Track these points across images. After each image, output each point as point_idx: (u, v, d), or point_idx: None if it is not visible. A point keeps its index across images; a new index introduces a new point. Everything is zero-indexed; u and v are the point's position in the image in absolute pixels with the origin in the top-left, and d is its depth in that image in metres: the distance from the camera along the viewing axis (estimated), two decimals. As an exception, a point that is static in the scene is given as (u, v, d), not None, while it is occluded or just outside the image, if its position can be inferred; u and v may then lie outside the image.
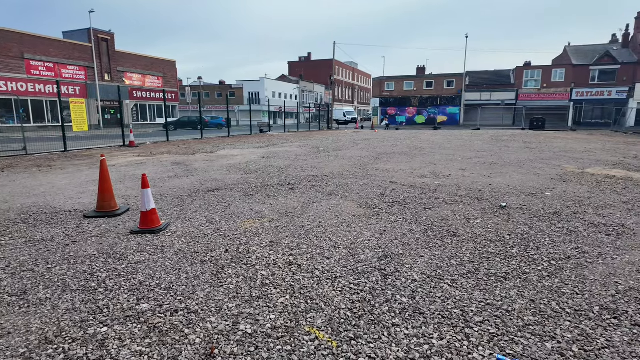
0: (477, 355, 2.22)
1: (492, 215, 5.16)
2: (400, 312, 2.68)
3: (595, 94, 39.20)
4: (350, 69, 78.80)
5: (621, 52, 40.18)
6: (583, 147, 15.51)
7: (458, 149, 14.95)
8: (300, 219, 4.97)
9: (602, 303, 2.82)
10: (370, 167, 9.68)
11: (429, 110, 46.29)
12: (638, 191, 6.76)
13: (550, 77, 41.10)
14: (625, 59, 38.81)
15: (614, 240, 4.19)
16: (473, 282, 3.17)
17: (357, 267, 3.46)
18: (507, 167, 9.68)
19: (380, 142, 18.37)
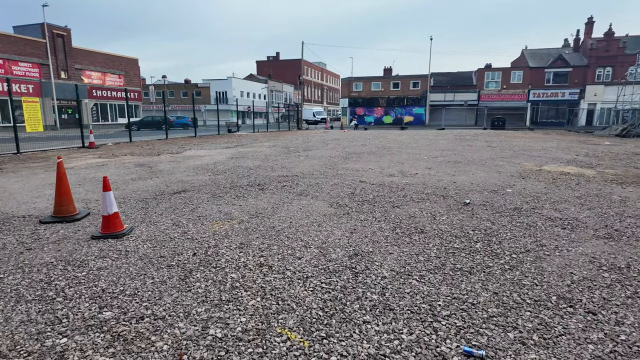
0: (445, 348, 2.29)
1: (457, 212, 5.34)
2: (371, 309, 2.72)
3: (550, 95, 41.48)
4: (319, 69, 79.07)
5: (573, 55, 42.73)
6: (540, 146, 16.36)
7: (424, 148, 15.36)
8: (271, 220, 4.93)
9: (559, 293, 2.99)
10: (340, 167, 9.75)
11: (396, 111, 47.26)
12: (590, 186, 7.21)
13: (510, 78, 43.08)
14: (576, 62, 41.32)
15: (568, 233, 4.45)
16: (440, 277, 3.27)
17: (329, 266, 3.47)
18: (470, 166, 10.05)
19: (349, 142, 18.56)
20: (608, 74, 39.68)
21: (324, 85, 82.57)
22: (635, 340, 2.37)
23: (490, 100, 43.21)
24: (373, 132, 29.88)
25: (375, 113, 48.10)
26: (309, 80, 72.37)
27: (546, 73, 41.80)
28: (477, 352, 2.20)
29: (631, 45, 38.78)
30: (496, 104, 42.88)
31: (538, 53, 44.95)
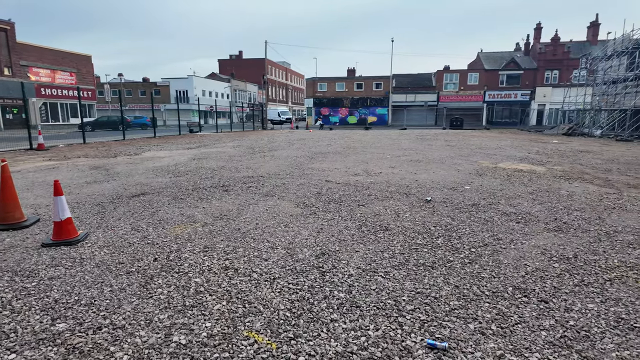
0: (410, 342, 2.35)
1: (419, 209, 5.51)
2: (338, 307, 2.74)
3: (504, 96, 43.73)
4: (283, 69, 78.70)
5: (524, 59, 45.29)
6: (495, 144, 17.20)
7: (387, 147, 15.71)
8: (236, 222, 4.84)
9: (515, 284, 3.16)
10: (307, 167, 9.76)
11: (360, 111, 47.98)
12: (540, 182, 7.67)
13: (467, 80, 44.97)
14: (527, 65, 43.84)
15: (522, 227, 4.71)
16: (404, 272, 3.35)
17: (296, 266, 3.46)
18: (431, 164, 10.39)
19: (315, 142, 18.62)
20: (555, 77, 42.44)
21: (289, 85, 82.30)
22: (582, 325, 2.55)
23: (449, 101, 44.92)
24: (338, 132, 30.16)
25: (340, 113, 48.57)
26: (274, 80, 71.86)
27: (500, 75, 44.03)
28: (440, 344, 2.28)
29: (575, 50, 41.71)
30: (454, 105, 44.63)
31: (492, 56, 47.24)
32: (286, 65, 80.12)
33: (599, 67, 28.92)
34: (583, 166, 10.19)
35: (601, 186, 7.33)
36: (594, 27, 43.05)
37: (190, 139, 21.91)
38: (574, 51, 41.56)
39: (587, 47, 40.64)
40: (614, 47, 26.37)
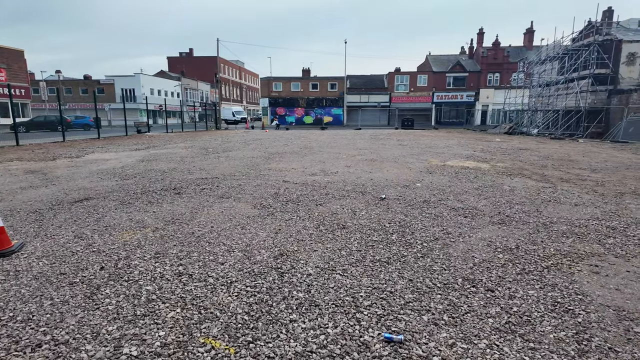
0: (368, 337, 2.41)
1: (375, 207, 5.65)
2: (297, 308, 2.74)
3: (451, 97, 46.01)
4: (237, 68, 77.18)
5: (468, 62, 47.93)
6: (444, 143, 18.06)
7: (343, 147, 15.94)
8: (190, 226, 4.68)
9: (464, 275, 3.33)
10: (263, 167, 9.65)
11: (316, 111, 48.27)
12: (485, 179, 8.17)
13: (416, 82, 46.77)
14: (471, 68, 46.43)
15: (469, 221, 4.99)
16: (361, 269, 3.42)
17: (254, 269, 3.41)
18: (385, 163, 10.69)
19: (271, 142, 18.46)
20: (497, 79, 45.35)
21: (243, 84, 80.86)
22: (524, 310, 2.75)
23: (400, 102, 46.48)
24: (294, 132, 30.13)
25: (296, 113, 48.53)
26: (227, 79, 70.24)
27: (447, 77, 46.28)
28: (397, 337, 2.36)
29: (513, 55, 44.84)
30: (405, 106, 46.26)
31: (440, 59, 49.53)
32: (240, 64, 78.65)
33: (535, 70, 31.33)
34: (522, 163, 10.99)
35: (538, 181, 7.95)
36: (529, 33, 46.52)
37: (138, 139, 20.84)
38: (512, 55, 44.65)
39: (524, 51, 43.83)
40: (547, 52, 28.69)
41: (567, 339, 2.40)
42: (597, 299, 2.90)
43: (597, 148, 16.20)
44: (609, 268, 3.49)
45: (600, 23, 24.56)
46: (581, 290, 3.04)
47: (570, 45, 26.14)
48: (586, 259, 3.69)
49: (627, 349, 2.30)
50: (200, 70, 70.15)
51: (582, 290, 3.04)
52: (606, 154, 13.50)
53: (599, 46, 23.10)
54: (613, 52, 23.01)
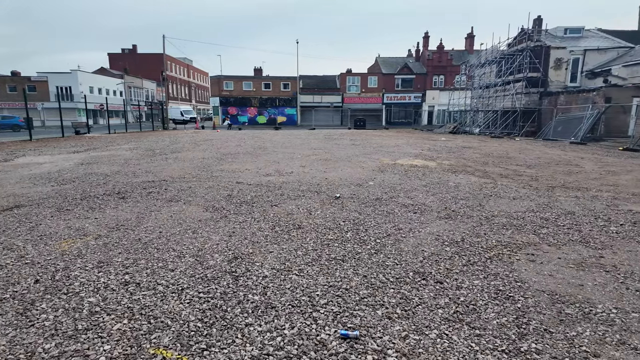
0: (325, 335, 2.43)
1: (330, 206, 5.71)
2: (253, 311, 2.70)
3: (400, 98, 47.68)
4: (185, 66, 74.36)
5: (415, 64, 49.94)
6: (394, 143, 18.67)
7: (298, 147, 15.94)
8: (136, 232, 4.44)
9: (415, 268, 3.47)
10: (215, 169, 9.39)
11: (269, 111, 47.82)
12: (432, 176, 8.56)
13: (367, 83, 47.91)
14: (418, 70, 48.42)
15: (419, 216, 5.20)
16: (317, 268, 3.44)
17: (206, 274, 3.31)
18: (339, 162, 10.84)
19: (223, 143, 18.00)
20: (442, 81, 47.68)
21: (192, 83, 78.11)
22: (470, 300, 2.91)
23: (352, 103, 47.38)
24: (248, 132, 29.61)
25: (248, 113, 47.73)
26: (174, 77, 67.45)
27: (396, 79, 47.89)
28: (352, 333, 2.40)
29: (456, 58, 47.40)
30: (357, 106, 47.24)
31: (389, 61, 51.13)
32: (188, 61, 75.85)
33: (475, 73, 33.35)
34: (466, 160, 11.65)
35: (480, 177, 8.47)
36: (470, 38, 49.40)
37: (76, 141, 19.39)
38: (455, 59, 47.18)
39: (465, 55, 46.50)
40: (486, 56, 30.66)
41: (509, 324, 2.58)
42: (533, 285, 3.15)
43: (531, 145, 17.60)
44: (543, 256, 3.81)
45: (531, 30, 26.69)
46: (520, 278, 3.29)
47: (506, 50, 28.11)
48: (524, 249, 4.00)
49: (560, 329, 2.52)
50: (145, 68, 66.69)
51: (520, 278, 3.29)
52: (539, 151, 14.70)
53: (530, 51, 25.09)
54: (543, 57, 25.10)
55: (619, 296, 2.96)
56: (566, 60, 25.27)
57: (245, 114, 47.97)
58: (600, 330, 2.50)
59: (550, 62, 25.29)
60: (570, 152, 14.54)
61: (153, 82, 66.83)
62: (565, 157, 12.76)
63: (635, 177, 8.62)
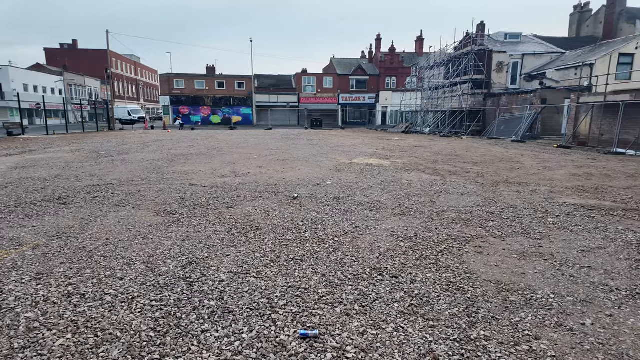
0: (284, 336, 2.41)
1: (288, 206, 5.69)
2: (209, 317, 2.62)
3: (355, 99, 48.56)
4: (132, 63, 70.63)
5: (369, 66, 51.09)
6: (350, 142, 18.98)
7: (254, 147, 15.71)
8: (80, 239, 4.15)
9: (371, 265, 3.55)
10: (166, 171, 9.00)
11: (224, 111, 46.70)
12: (387, 174, 8.80)
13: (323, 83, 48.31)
14: (371, 71, 49.59)
15: (375, 214, 5.33)
16: (276, 269, 3.41)
17: (159, 281, 3.16)
18: (296, 162, 10.83)
19: (175, 143, 17.31)
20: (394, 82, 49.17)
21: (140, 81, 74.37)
22: (424, 292, 3.03)
23: (309, 103, 47.56)
24: (201, 132, 28.70)
25: (202, 112, 46.28)
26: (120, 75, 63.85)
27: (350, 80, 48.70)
28: (312, 332, 2.40)
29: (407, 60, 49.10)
30: (314, 106, 47.49)
31: (343, 62, 51.89)
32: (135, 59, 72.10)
33: (425, 75, 34.76)
34: (417, 159, 12.11)
35: (431, 174, 8.84)
36: (419, 41, 51.38)
37: (9, 143, 17.74)
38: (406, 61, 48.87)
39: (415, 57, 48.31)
40: (435, 59, 32.06)
41: (460, 313, 2.72)
42: (481, 276, 3.34)
43: (477, 144, 18.66)
44: (490, 248, 4.05)
45: (475, 35, 28.29)
46: (469, 269, 3.47)
47: (453, 53, 29.58)
48: (472, 242, 4.22)
49: (505, 316, 2.69)
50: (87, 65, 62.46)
51: (469, 269, 3.47)
52: (484, 149, 15.62)
53: (475, 55, 26.59)
54: (486, 60, 26.71)
55: (555, 282, 3.22)
56: (507, 63, 27.07)
57: (198, 114, 46.53)
58: (540, 315, 2.70)
59: (493, 65, 26.97)
60: (512, 149, 15.58)
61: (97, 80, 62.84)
62: (507, 154, 13.66)
63: (568, 172, 9.43)
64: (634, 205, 5.91)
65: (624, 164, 11.16)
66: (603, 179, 8.44)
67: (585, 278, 3.29)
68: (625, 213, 5.45)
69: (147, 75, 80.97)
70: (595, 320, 2.62)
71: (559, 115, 21.67)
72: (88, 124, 33.86)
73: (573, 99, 18.62)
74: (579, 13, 31.29)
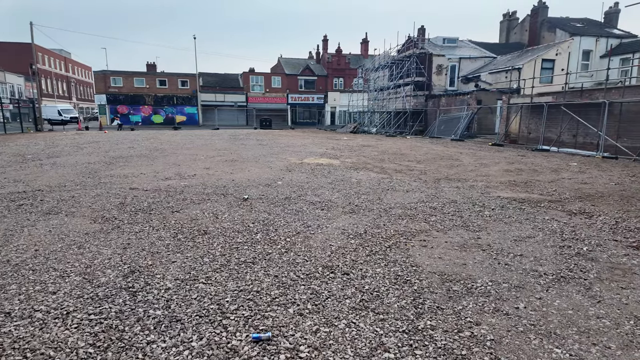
0: (236, 341, 2.36)
1: (238, 208, 5.56)
2: (155, 327, 2.49)
3: (304, 99, 48.75)
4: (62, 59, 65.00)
5: (317, 66, 51.52)
6: (300, 142, 19.01)
7: (200, 148, 15.18)
8: (3, 252, 3.74)
9: (323, 263, 3.58)
10: (104, 174, 8.41)
11: (167, 110, 44.58)
12: (337, 174, 8.94)
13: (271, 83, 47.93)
14: (319, 72, 50.06)
15: (326, 212, 5.38)
16: (226, 274, 3.33)
17: (97, 293, 2.95)
18: (246, 163, 10.64)
19: (113, 145, 16.21)
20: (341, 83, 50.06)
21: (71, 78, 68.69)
22: (374, 287, 3.12)
23: (257, 102, 46.93)
24: (142, 133, 27.13)
25: (142, 112, 43.78)
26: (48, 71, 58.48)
27: (299, 80, 48.81)
28: (264, 335, 2.38)
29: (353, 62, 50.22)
30: (262, 106, 46.95)
31: (291, 62, 51.85)
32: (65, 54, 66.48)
33: (371, 77, 35.79)
34: (366, 158, 12.44)
35: (379, 173, 9.13)
36: (365, 43, 52.77)
37: None
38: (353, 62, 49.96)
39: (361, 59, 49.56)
40: (379, 61, 33.12)
41: (407, 305, 2.83)
42: (426, 268, 3.51)
43: (420, 143, 19.57)
44: (433, 241, 4.26)
45: (416, 39, 29.64)
46: (415, 262, 3.63)
47: (396, 56, 30.75)
48: (417, 236, 4.42)
49: (449, 305, 2.85)
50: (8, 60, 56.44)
51: (415, 262, 3.63)
52: (427, 148, 16.42)
53: (417, 58, 27.86)
54: (427, 63, 28.11)
55: (492, 270, 3.47)
56: (446, 66, 28.69)
57: (139, 113, 44.01)
58: (480, 302, 2.89)
59: (433, 68, 28.45)
60: (451, 148, 16.54)
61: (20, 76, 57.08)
62: (447, 152, 14.48)
63: (502, 168, 10.21)
64: (557, 197, 6.54)
65: (549, 159, 12.32)
66: (531, 173, 9.24)
67: (518, 265, 3.59)
68: (551, 204, 6.01)
69: (79, 72, 75.16)
70: (527, 304, 2.86)
71: (492, 115, 23.37)
72: (11, 125, 30.63)
73: (504, 100, 20.18)
74: (507, 21, 33.95)
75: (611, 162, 11.92)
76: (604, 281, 3.25)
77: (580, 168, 10.29)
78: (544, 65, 23.48)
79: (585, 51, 25.01)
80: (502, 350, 2.30)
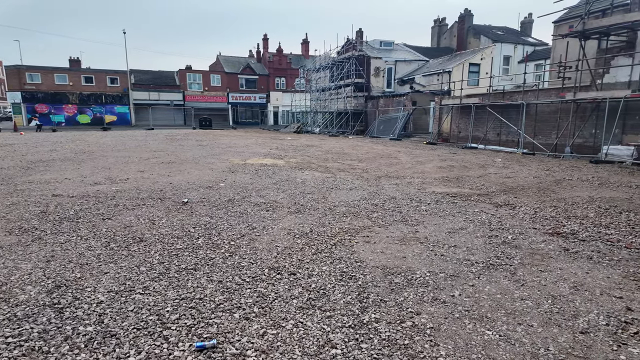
0: (178, 352, 2.25)
1: (177, 213, 5.31)
2: (86, 345, 2.29)
3: (245, 98, 47.81)
4: (-36, 50, 57.21)
5: (258, 65, 50.81)
6: (243, 143, 18.63)
7: (133, 150, 14.25)
8: None
9: (270, 265, 3.54)
10: (21, 181, 7.55)
11: (94, 109, 41.18)
12: (282, 174, 8.89)
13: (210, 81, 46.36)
14: (260, 71, 49.44)
15: (271, 214, 5.33)
16: (166, 282, 3.16)
17: (16, 312, 2.64)
18: (184, 165, 10.18)
19: (31, 148, 14.62)
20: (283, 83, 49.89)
21: (-23, 73, 60.69)
22: (321, 285, 3.15)
23: (195, 101, 45.13)
24: (65, 134, 24.77)
25: (65, 111, 39.99)
26: (-53, 64, 51.10)
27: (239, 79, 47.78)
28: (209, 343, 2.29)
29: (295, 62, 50.30)
30: (201, 105, 45.24)
31: (231, 60, 50.58)
32: (-31, 45, 58.58)
33: (312, 77, 36.10)
34: (310, 157, 12.53)
35: (323, 172, 9.24)
36: (305, 43, 53.09)
37: None
38: (294, 62, 50.03)
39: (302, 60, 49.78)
40: (320, 62, 33.53)
41: (353, 300, 2.90)
42: (370, 263, 3.62)
43: (361, 142, 20.14)
44: (375, 237, 4.41)
45: (355, 41, 30.47)
46: (359, 258, 3.73)
47: (336, 57, 31.33)
48: (360, 232, 4.55)
49: (392, 297, 2.96)
50: None
51: (359, 258, 3.73)
52: (367, 147, 16.95)
53: (356, 60, 28.64)
54: (365, 65, 29.01)
55: (430, 262, 3.68)
56: (383, 69, 29.83)
57: (61, 113, 40.18)
58: (419, 292, 3.05)
59: (371, 70, 29.43)
60: (390, 147, 17.25)
61: None
62: (387, 151, 15.08)
63: (436, 165, 10.85)
64: (485, 191, 7.10)
65: (477, 156, 13.35)
66: (462, 169, 9.94)
67: (452, 256, 3.84)
68: (480, 198, 6.51)
69: (-13, 65, 66.81)
70: (462, 291, 3.07)
71: (426, 116, 24.77)
72: None
73: (437, 101, 21.48)
74: (438, 26, 36.17)
75: (530, 157, 13.23)
76: (526, 266, 3.60)
77: (504, 164, 11.28)
78: (471, 69, 25.36)
79: (506, 57, 27.44)
80: (440, 336, 2.44)
